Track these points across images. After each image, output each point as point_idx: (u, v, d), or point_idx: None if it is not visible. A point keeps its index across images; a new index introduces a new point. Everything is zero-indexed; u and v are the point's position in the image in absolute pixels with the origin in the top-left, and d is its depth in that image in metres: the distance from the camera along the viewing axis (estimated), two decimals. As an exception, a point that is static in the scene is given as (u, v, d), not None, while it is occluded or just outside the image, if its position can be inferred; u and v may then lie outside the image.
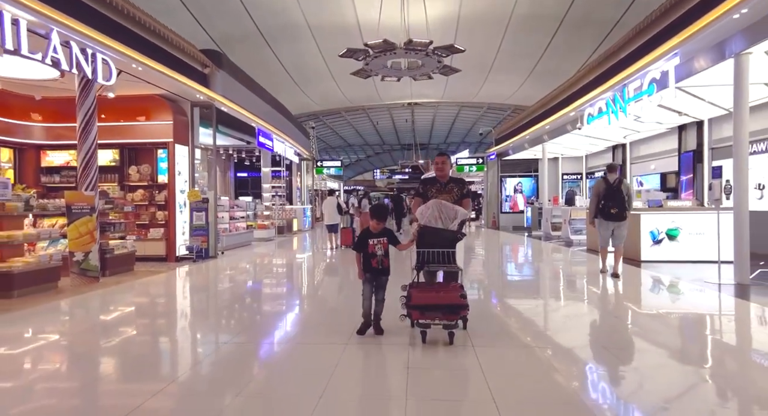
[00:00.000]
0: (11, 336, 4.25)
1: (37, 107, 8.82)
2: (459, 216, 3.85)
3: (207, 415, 2.47)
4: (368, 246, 3.87)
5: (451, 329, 3.61)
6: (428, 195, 4.26)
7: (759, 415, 2.55)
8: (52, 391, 2.96)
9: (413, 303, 3.62)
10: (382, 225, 3.91)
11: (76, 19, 5.73)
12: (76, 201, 6.50)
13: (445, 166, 4.38)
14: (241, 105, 10.83)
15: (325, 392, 2.68)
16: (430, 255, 3.85)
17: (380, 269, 3.87)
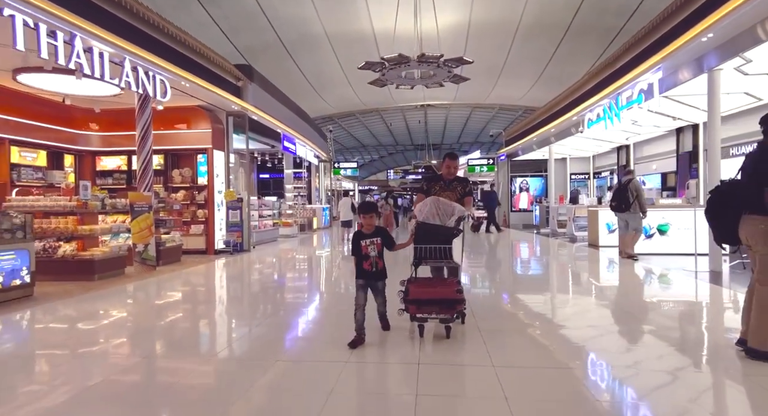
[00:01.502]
0: (98, 310, 5.36)
1: (96, 118, 10.02)
2: (456, 213, 3.93)
3: (254, 376, 3.13)
4: (361, 248, 3.64)
5: (447, 323, 3.70)
6: (431, 192, 4.37)
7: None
8: (129, 351, 4.04)
9: (411, 298, 3.70)
10: (372, 222, 3.72)
11: (142, 48, 6.85)
12: (138, 200, 7.64)
13: (456, 170, 4.59)
14: (269, 113, 11.93)
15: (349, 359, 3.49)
16: (427, 251, 3.90)
17: (374, 272, 3.63)
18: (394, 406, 2.62)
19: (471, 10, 16.97)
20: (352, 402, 2.71)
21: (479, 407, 2.58)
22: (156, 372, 3.31)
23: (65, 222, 6.83)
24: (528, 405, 2.57)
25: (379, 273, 3.66)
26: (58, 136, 9.59)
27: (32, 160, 9.19)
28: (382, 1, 16.13)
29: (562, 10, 16.42)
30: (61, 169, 9.88)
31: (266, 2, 16.04)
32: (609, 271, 8.00)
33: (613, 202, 8.45)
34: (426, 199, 4.10)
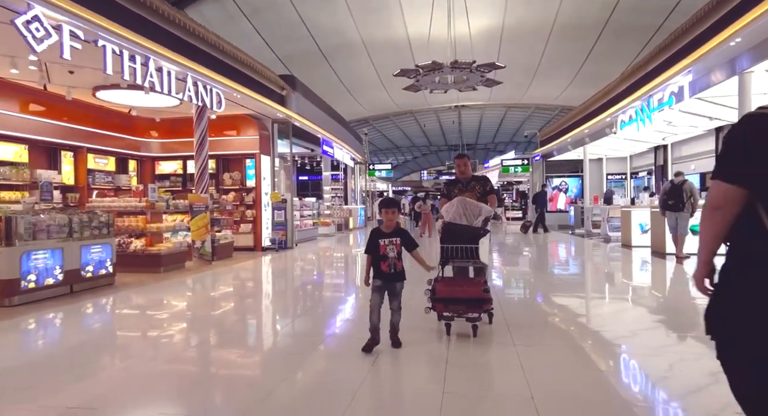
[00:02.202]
0: (166, 298, 6.16)
1: (155, 126, 11.06)
2: (483, 213, 3.96)
3: (293, 363, 3.65)
4: (379, 248, 3.46)
5: (474, 322, 3.71)
6: (452, 195, 4.42)
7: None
8: (189, 333, 4.74)
9: (438, 297, 3.72)
10: (394, 218, 3.56)
11: (202, 65, 7.68)
12: (196, 201, 8.50)
13: (466, 167, 4.61)
14: (310, 119, 12.69)
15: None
16: (454, 251, 3.91)
17: (392, 274, 3.43)
18: (420, 403, 2.62)
19: (504, 13, 17.20)
20: (379, 394, 2.87)
21: (504, 406, 2.59)
22: (209, 353, 3.96)
23: (136, 221, 7.76)
24: (555, 405, 2.53)
25: (398, 274, 3.45)
26: (124, 143, 10.68)
27: (104, 165, 10.29)
28: (417, 8, 16.64)
29: (598, 10, 16.38)
30: (126, 173, 10.98)
31: (306, 13, 16.90)
32: (642, 271, 8.19)
33: (669, 200, 8.37)
34: (453, 199, 4.11)
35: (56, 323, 4.90)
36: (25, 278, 5.24)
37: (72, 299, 5.64)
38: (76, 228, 5.94)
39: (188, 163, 11.36)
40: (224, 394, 2.83)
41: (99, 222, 6.30)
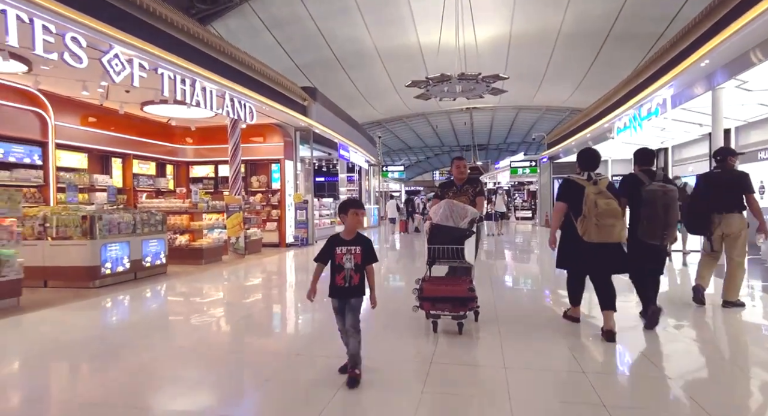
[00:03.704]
0: (209, 285, 7.30)
1: (190, 134, 12.28)
2: (469, 215, 4.11)
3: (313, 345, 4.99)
4: (335, 257, 2.94)
5: (459, 320, 3.88)
6: (445, 197, 4.58)
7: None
8: (227, 315, 5.84)
9: (425, 296, 3.90)
10: (359, 222, 2.97)
11: (237, 83, 8.83)
12: (231, 202, 9.65)
13: (465, 169, 4.78)
14: (329, 127, 13.79)
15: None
16: (440, 251, 4.06)
17: (347, 288, 2.90)
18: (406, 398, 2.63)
19: (511, 22, 18.10)
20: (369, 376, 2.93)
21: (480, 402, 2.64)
22: (247, 327, 5.05)
23: (181, 219, 8.93)
24: (530, 405, 2.56)
25: (353, 289, 2.91)
26: (163, 149, 11.92)
27: (146, 169, 11.54)
28: (428, 18, 17.63)
29: (601, 19, 17.17)
30: (164, 176, 12.22)
31: (324, 24, 18.04)
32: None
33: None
34: (441, 202, 4.29)
35: (128, 302, 6.05)
36: (103, 265, 6.42)
37: (136, 283, 6.81)
38: (138, 226, 7.11)
39: (219, 167, 12.57)
40: (257, 359, 3.91)
41: (155, 221, 7.48)
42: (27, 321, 4.78)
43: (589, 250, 3.73)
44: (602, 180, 3.84)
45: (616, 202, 3.67)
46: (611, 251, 3.73)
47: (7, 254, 5.15)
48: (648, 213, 3.89)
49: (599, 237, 3.65)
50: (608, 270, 3.81)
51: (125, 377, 3.21)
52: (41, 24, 5.09)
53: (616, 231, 3.64)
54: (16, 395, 3.02)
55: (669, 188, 3.92)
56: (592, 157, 3.99)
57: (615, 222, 3.62)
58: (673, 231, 4.04)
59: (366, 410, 2.60)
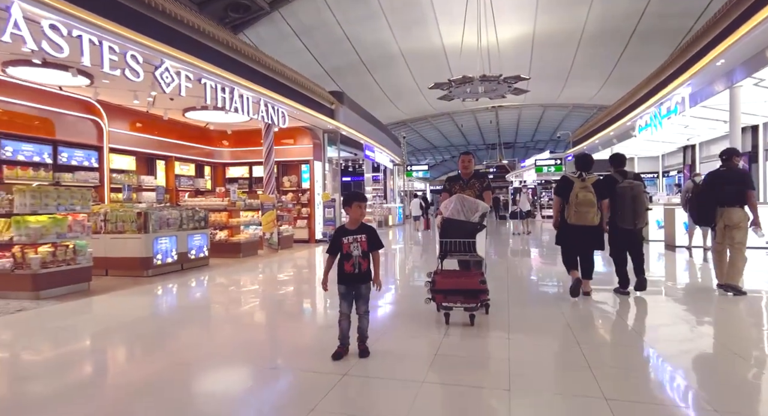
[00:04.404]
0: (246, 276, 7.97)
1: (227, 137, 13.11)
2: (480, 209, 4.19)
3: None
4: (342, 246, 3.21)
5: (471, 312, 3.94)
6: (453, 192, 4.65)
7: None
8: (260, 301, 6.45)
9: (437, 288, 3.96)
10: (362, 213, 3.29)
11: (271, 90, 9.51)
12: (266, 200, 10.36)
13: (470, 164, 4.85)
14: (355, 129, 14.40)
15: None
16: (452, 245, 4.14)
17: (356, 274, 3.19)
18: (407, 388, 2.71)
19: (535, 22, 18.26)
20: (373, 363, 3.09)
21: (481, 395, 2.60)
22: (278, 315, 5.64)
23: (221, 216, 9.69)
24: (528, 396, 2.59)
25: (362, 275, 3.21)
26: (202, 152, 12.79)
27: (186, 170, 12.43)
28: (452, 20, 18.00)
29: (625, 17, 17.14)
30: (203, 177, 13.09)
31: (350, 29, 18.68)
32: (657, 262, 9.22)
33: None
34: (452, 196, 4.37)
35: (178, 289, 6.78)
36: (155, 257, 7.19)
37: (183, 273, 7.55)
38: (184, 222, 7.86)
39: (253, 168, 13.36)
40: (290, 335, 4.48)
41: (198, 217, 8.22)
42: (96, 302, 5.54)
43: (573, 232, 4.95)
44: (590, 178, 4.98)
45: (592, 195, 4.83)
46: (590, 233, 4.90)
47: (81, 245, 5.94)
48: (620, 204, 5.01)
49: (578, 221, 4.87)
50: (588, 247, 5.02)
51: (179, 347, 3.86)
52: (108, 45, 5.85)
53: (590, 217, 4.83)
54: (93, 361, 3.70)
55: (635, 184, 5.02)
56: (585, 160, 5.17)
57: (589, 209, 4.82)
58: (643, 217, 5.04)
59: (380, 369, 3.11)
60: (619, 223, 5.03)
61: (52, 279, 5.61)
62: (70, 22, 5.36)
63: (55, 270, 5.64)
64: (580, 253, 5.06)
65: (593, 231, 4.89)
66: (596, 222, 4.86)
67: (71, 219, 5.98)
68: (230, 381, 3.04)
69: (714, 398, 2.59)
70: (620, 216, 5.02)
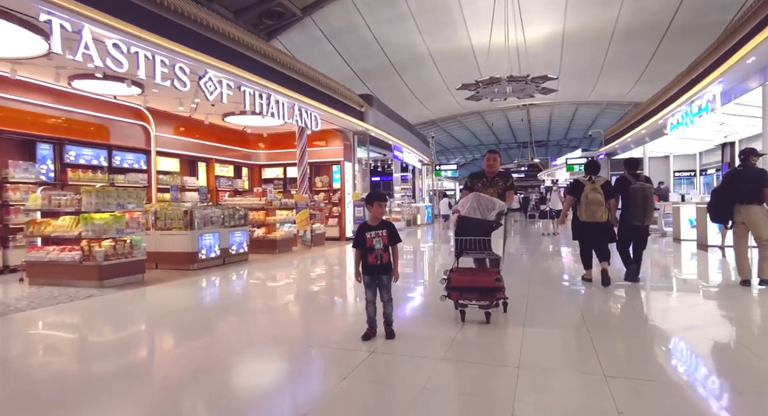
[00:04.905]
0: (282, 270, 8.49)
1: (263, 140, 13.79)
2: (497, 207, 4.17)
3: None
4: (365, 241, 3.54)
5: (486, 309, 3.94)
6: (475, 189, 4.65)
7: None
8: (294, 294, 6.90)
9: (453, 285, 3.97)
10: (382, 211, 3.64)
11: (305, 95, 10.03)
12: (299, 199, 10.91)
13: (496, 162, 4.85)
14: (384, 130, 14.81)
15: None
16: (467, 243, 4.15)
17: (379, 266, 3.51)
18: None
19: (564, 20, 18.15)
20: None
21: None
22: (312, 304, 6.06)
23: (258, 215, 10.30)
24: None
25: (384, 266, 3.54)
26: (239, 154, 13.51)
27: (225, 172, 13.17)
28: (480, 20, 18.12)
29: (659, 12, 16.80)
30: (240, 178, 13.81)
31: (379, 32, 19.11)
32: (690, 260, 9.17)
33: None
34: (468, 195, 4.38)
35: (221, 281, 7.36)
36: (200, 252, 7.81)
37: (225, 267, 8.15)
38: (225, 219, 8.47)
39: (288, 169, 13.98)
40: (328, 322, 4.91)
41: (239, 216, 8.83)
42: (151, 291, 6.16)
43: (586, 227, 5.64)
44: (598, 180, 5.67)
45: (601, 195, 5.49)
46: (601, 228, 5.58)
47: (137, 240, 6.60)
48: (632, 203, 5.61)
49: (588, 218, 5.55)
50: (601, 241, 5.67)
51: (227, 330, 4.36)
52: (160, 59, 6.47)
53: (598, 214, 5.50)
54: (155, 341, 4.24)
55: (647, 186, 5.64)
56: (594, 165, 5.90)
57: (597, 208, 5.49)
58: (651, 216, 5.70)
59: (404, 349, 3.48)
60: (630, 220, 5.65)
61: (114, 270, 6.27)
62: (129, 40, 5.99)
63: (115, 263, 6.30)
64: (594, 247, 5.75)
65: (603, 227, 5.57)
66: (604, 219, 5.52)
67: (128, 216, 6.64)
68: (275, 356, 3.50)
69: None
70: (631, 213, 5.61)
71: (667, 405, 2.46)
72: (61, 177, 8.78)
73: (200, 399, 2.69)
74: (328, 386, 2.79)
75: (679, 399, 2.55)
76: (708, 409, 2.47)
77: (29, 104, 8.03)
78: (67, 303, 5.34)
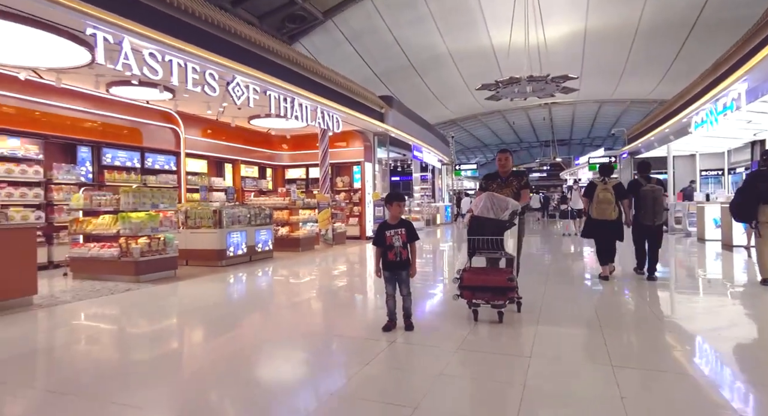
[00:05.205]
0: (305, 267, 8.79)
1: (286, 141, 14.19)
2: (510, 207, 4.17)
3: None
4: (386, 239, 3.75)
5: (499, 309, 3.96)
6: (489, 189, 4.63)
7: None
8: (318, 289, 7.16)
9: (465, 285, 3.99)
10: (400, 211, 3.85)
11: (327, 98, 10.33)
12: (321, 199, 11.23)
13: (508, 161, 4.84)
14: (404, 131, 15.02)
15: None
16: (479, 242, 4.14)
17: (398, 262, 3.73)
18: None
19: (586, 18, 17.97)
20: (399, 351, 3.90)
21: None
22: (335, 298, 6.32)
23: (282, 214, 10.66)
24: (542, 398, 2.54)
25: (403, 262, 3.76)
26: (264, 155, 13.93)
27: (251, 172, 13.61)
28: (501, 20, 18.10)
29: (685, 8, 16.47)
30: (265, 178, 14.23)
31: (400, 34, 19.31)
32: (714, 261, 9.09)
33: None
34: (482, 194, 4.38)
35: (248, 276, 7.70)
36: (228, 249, 8.19)
37: (251, 264, 8.51)
38: (252, 218, 8.83)
39: (310, 169, 14.34)
40: (351, 314, 5.15)
41: (264, 215, 9.18)
42: (183, 286, 6.53)
43: (597, 225, 6.13)
44: (611, 181, 6.17)
45: (611, 195, 5.98)
46: (611, 226, 6.04)
47: (169, 237, 7.00)
48: (643, 204, 6.06)
49: (598, 215, 6.07)
50: (610, 238, 6.12)
51: (256, 321, 4.66)
52: (191, 66, 6.84)
53: (608, 212, 6.00)
54: (190, 331, 4.57)
55: (656, 188, 6.05)
56: (606, 168, 6.43)
57: (607, 206, 5.99)
58: (660, 216, 6.07)
59: (422, 340, 3.69)
60: (641, 220, 6.12)
61: (149, 265, 6.68)
62: (164, 49, 6.37)
63: (150, 259, 6.71)
64: (603, 244, 6.20)
65: (612, 225, 6.03)
66: (614, 217, 6.02)
67: (162, 215, 7.04)
68: (303, 345, 3.76)
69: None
70: (642, 214, 6.07)
71: (668, 393, 2.60)
72: (98, 178, 9.31)
73: (236, 381, 2.97)
74: (352, 371, 3.03)
75: (682, 388, 2.69)
76: (711, 397, 2.60)
77: (70, 110, 8.56)
78: (108, 295, 5.74)
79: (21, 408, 2.62)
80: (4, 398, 2.72)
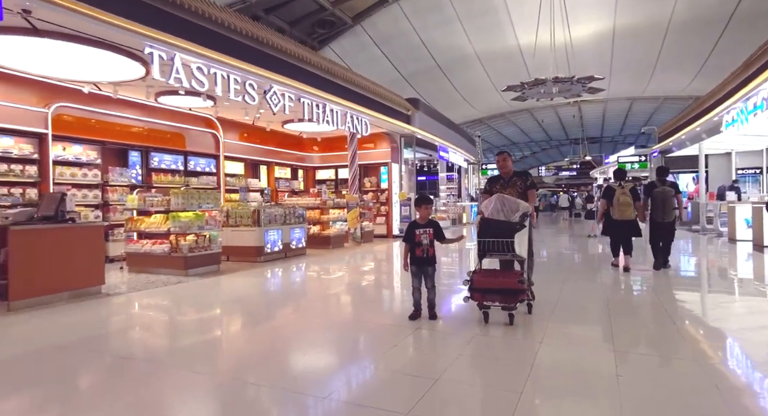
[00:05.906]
0: (335, 263, 9.30)
1: (317, 143, 14.79)
2: (521, 209, 4.19)
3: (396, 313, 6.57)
4: (415, 236, 4.14)
5: (509, 311, 3.98)
6: (494, 191, 4.66)
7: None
8: (346, 284, 7.61)
9: (475, 287, 4.02)
10: (429, 212, 4.24)
11: (356, 103, 10.82)
12: (350, 199, 11.74)
13: (506, 163, 4.85)
14: (430, 132, 15.37)
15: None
16: (490, 245, 4.11)
17: (425, 258, 4.10)
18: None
19: (615, 16, 17.83)
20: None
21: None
22: (365, 291, 6.77)
23: (314, 213, 11.23)
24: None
25: (429, 259, 4.15)
26: (296, 157, 14.58)
27: (284, 174, 14.28)
28: (527, 20, 18.16)
29: (719, 3, 16.11)
30: (297, 179, 14.88)
31: (427, 36, 19.64)
32: (745, 262, 9.08)
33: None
34: (492, 196, 4.39)
35: (285, 271, 8.27)
36: (266, 246, 8.79)
37: (287, 260, 9.09)
38: (287, 218, 9.42)
39: (339, 170, 14.90)
40: (380, 305, 5.59)
41: (298, 214, 9.76)
42: (226, 279, 7.14)
43: (617, 224, 6.99)
44: (627, 184, 6.99)
45: (629, 197, 6.84)
46: (629, 225, 6.95)
47: (214, 235, 7.64)
48: (655, 204, 6.98)
49: (620, 216, 6.91)
50: (628, 235, 7.05)
51: (295, 309, 5.17)
52: (233, 77, 7.45)
53: (628, 213, 6.88)
54: (238, 319, 5.13)
55: (667, 190, 6.90)
56: (621, 173, 7.20)
57: (626, 207, 6.86)
58: (670, 214, 6.88)
59: (445, 328, 4.10)
60: (654, 218, 7.02)
61: (196, 261, 7.33)
62: (209, 63, 6.99)
63: (197, 254, 7.36)
64: (622, 240, 7.13)
65: (631, 224, 6.97)
66: (632, 217, 6.92)
67: (207, 215, 7.69)
68: (338, 330, 4.24)
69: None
70: (655, 213, 6.99)
71: (659, 371, 2.93)
72: (147, 180, 10.11)
73: (281, 358, 3.46)
74: (382, 350, 3.48)
75: (675, 370, 3.01)
76: (704, 380, 2.91)
77: (123, 118, 9.36)
78: (162, 287, 6.40)
79: (127, 371, 3.20)
80: (117, 362, 3.34)
